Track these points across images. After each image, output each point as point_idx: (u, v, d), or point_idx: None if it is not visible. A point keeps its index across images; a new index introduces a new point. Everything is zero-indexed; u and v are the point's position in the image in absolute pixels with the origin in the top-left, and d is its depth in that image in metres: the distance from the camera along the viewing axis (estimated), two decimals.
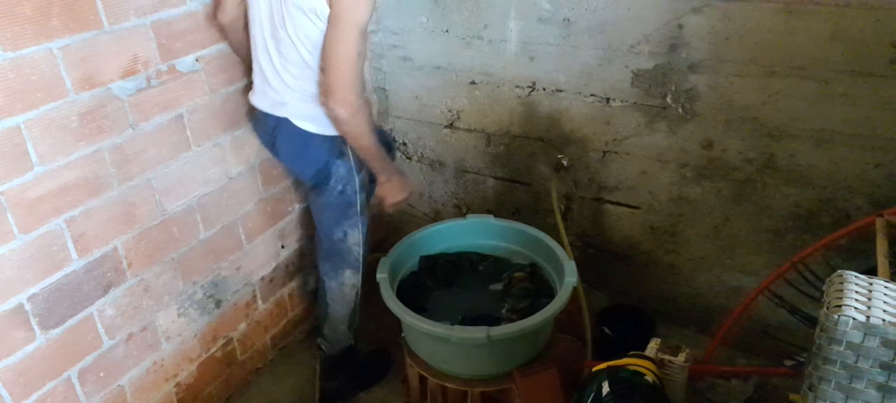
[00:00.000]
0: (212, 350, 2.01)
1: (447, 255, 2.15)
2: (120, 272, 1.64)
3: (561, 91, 2.12)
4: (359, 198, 1.83)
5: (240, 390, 2.16)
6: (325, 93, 1.59)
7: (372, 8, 1.53)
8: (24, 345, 1.46)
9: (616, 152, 2.12)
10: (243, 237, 2.01)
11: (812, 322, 1.70)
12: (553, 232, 2.05)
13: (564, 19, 2.01)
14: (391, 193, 1.82)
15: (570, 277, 1.79)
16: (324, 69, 1.58)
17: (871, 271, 1.22)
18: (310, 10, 1.52)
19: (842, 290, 1.01)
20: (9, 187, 1.35)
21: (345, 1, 1.49)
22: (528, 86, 2.18)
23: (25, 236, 1.41)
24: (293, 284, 2.30)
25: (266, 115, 1.74)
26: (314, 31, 1.56)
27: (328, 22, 1.52)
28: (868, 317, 0.95)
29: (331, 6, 1.51)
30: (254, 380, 2.21)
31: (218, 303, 1.98)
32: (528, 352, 1.79)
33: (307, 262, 2.34)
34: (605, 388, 1.55)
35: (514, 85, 2.20)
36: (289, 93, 1.67)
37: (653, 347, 1.74)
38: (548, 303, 1.73)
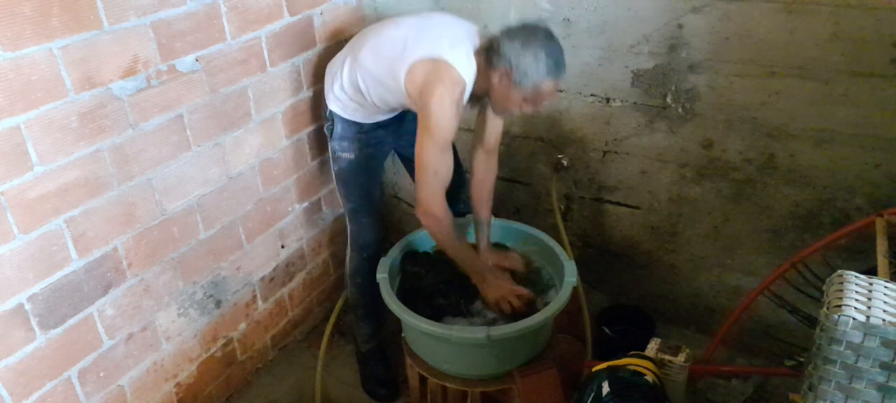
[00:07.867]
0: (212, 351, 2.01)
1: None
2: (120, 272, 1.64)
3: (561, 91, 2.12)
4: None
5: (240, 390, 2.16)
6: (416, 201, 1.71)
7: (452, 127, 1.59)
8: (24, 345, 1.46)
9: (616, 152, 2.12)
10: (243, 237, 2.01)
11: (812, 322, 1.70)
12: (553, 232, 2.05)
13: (564, 19, 2.01)
14: (485, 293, 1.81)
15: (570, 277, 1.78)
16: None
17: (871, 271, 1.22)
18: (403, 91, 1.65)
19: (842, 290, 1.01)
20: (9, 187, 1.35)
21: (426, 113, 1.57)
22: None
23: (25, 236, 1.41)
24: (293, 284, 2.30)
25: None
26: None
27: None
28: (868, 317, 0.95)
29: (417, 109, 1.62)
30: (254, 380, 2.21)
31: (218, 303, 1.98)
32: (528, 352, 1.78)
33: (307, 262, 2.34)
34: (605, 388, 1.55)
35: None
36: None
37: (653, 347, 1.74)
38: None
